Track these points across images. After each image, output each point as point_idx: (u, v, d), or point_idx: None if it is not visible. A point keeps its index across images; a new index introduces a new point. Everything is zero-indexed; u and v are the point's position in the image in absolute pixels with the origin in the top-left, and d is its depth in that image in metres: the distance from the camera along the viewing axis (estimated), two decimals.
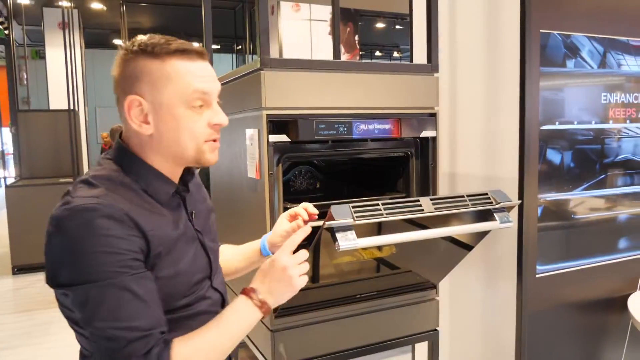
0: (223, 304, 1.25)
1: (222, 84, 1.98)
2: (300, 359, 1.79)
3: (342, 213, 1.29)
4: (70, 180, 6.73)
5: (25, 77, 10.82)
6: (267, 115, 1.65)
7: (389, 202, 1.41)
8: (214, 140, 1.13)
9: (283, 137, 1.67)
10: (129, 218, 0.99)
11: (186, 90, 1.06)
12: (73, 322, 1.05)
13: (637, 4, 2.24)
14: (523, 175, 1.96)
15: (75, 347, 1.10)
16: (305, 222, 1.38)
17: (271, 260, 1.15)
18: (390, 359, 3.11)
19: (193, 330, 1.06)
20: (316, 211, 1.38)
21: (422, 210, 1.43)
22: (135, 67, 1.07)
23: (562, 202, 2.13)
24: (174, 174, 1.16)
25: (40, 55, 12.32)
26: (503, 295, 2.18)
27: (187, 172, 1.20)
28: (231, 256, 1.48)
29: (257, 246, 1.46)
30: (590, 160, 2.18)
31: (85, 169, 8.90)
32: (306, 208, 1.39)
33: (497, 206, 1.56)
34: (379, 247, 2.06)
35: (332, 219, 1.27)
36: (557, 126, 2.08)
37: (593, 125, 2.17)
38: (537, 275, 2.07)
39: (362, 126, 1.79)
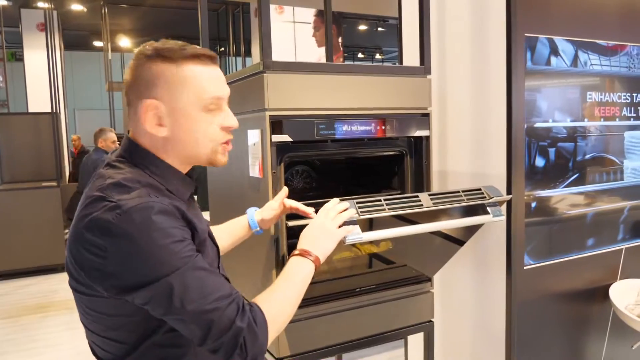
0: None
1: None
2: (300, 352, 1.85)
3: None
4: (54, 184, 6.70)
5: (1, 79, 10.68)
6: (270, 116, 1.71)
7: (390, 198, 1.49)
8: (227, 143, 1.20)
9: (285, 137, 1.74)
10: (177, 211, 1.06)
11: (202, 94, 1.12)
12: (112, 328, 1.10)
13: (616, 10, 2.36)
14: (511, 171, 2.06)
15: (63, 353, 1.16)
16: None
17: (309, 224, 1.36)
18: (385, 353, 3.20)
19: None
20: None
21: (422, 205, 1.52)
22: (150, 71, 1.11)
23: (547, 198, 2.23)
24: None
25: (17, 57, 12.17)
26: (493, 287, 2.27)
27: (191, 170, 1.26)
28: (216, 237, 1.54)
29: (244, 222, 1.59)
30: (568, 158, 2.29)
31: (67, 172, 8.83)
32: (297, 208, 1.55)
33: (490, 201, 1.65)
34: (377, 243, 2.15)
35: None
36: (550, 124, 2.18)
37: (569, 123, 2.28)
38: (525, 267, 2.16)
39: (360, 126, 1.87)
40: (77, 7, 9.17)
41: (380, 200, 1.47)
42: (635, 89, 2.48)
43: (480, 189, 1.65)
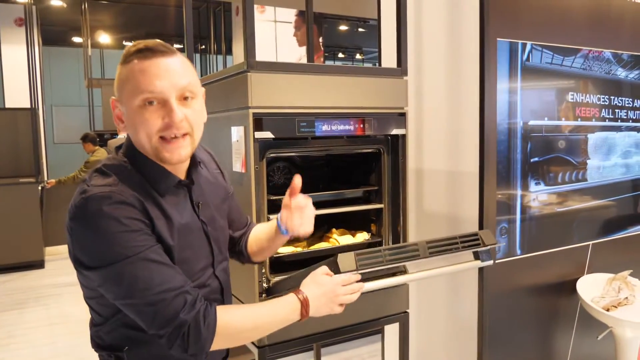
0: (222, 292, 1.35)
1: (208, 84, 2.11)
2: (277, 342, 1.90)
3: (348, 263, 1.41)
4: (32, 180, 6.65)
5: None
6: (253, 113, 1.78)
7: (390, 248, 1.55)
8: (164, 139, 1.14)
9: (267, 134, 1.80)
10: (139, 203, 1.11)
11: (135, 89, 1.11)
12: (89, 297, 1.19)
13: (586, 15, 2.47)
14: (483, 170, 2.15)
15: (39, 348, 1.24)
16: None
17: (332, 281, 1.34)
18: (363, 347, 3.27)
19: None
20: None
21: (419, 255, 1.57)
22: (117, 72, 1.17)
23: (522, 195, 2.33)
24: (176, 168, 1.22)
25: None
26: (466, 280, 2.36)
27: (193, 165, 1.28)
28: (256, 235, 1.56)
29: (274, 224, 1.51)
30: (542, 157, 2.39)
31: (45, 169, 8.74)
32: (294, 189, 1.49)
33: (484, 248, 1.70)
34: (354, 235, 2.22)
35: (337, 269, 1.39)
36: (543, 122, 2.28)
37: (546, 122, 2.38)
38: (497, 261, 2.26)
39: (339, 124, 1.95)
40: (56, 3, 9.07)
41: (379, 252, 1.51)
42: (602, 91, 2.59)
43: (476, 234, 1.69)
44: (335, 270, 1.39)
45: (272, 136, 1.81)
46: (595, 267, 2.61)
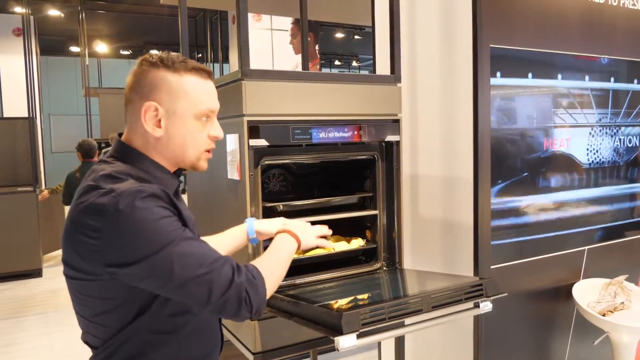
0: None
1: None
2: (273, 348, 1.89)
3: (352, 324, 1.41)
4: (30, 189, 6.65)
5: None
6: (247, 121, 1.79)
7: (394, 305, 1.53)
8: (209, 151, 1.32)
9: (262, 142, 1.82)
10: (165, 195, 1.16)
11: (198, 105, 1.25)
12: (101, 312, 1.17)
13: (578, 22, 2.49)
14: (477, 175, 2.16)
15: (38, 357, 1.23)
16: None
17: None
18: (359, 354, 3.26)
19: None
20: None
21: (422, 310, 1.56)
22: (155, 77, 1.22)
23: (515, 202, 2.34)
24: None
25: None
26: None
27: (178, 172, 1.35)
28: (217, 245, 1.55)
29: (243, 228, 1.65)
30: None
31: (43, 177, 8.74)
32: None
33: (487, 300, 1.69)
34: (349, 241, 2.22)
35: (340, 331, 1.39)
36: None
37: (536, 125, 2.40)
38: (492, 267, 2.26)
39: (333, 131, 1.96)
40: (54, 13, 9.12)
41: (383, 308, 1.50)
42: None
43: (481, 285, 1.69)
44: (337, 328, 1.40)
45: (267, 144, 1.82)
46: (591, 272, 2.61)
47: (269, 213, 1.96)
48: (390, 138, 2.09)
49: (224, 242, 1.59)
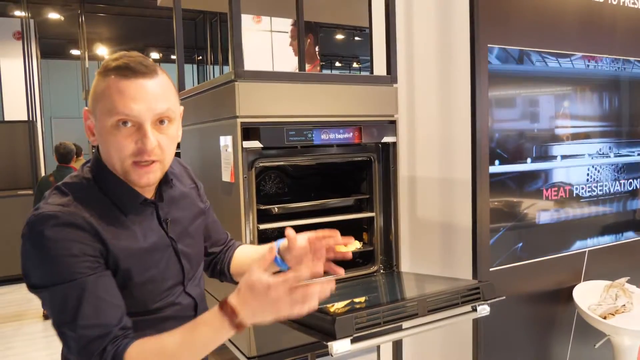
0: (196, 308, 1.29)
1: (198, 94, 2.10)
2: (269, 352, 1.88)
3: (345, 328, 1.39)
4: (30, 192, 6.65)
5: None
6: (241, 123, 1.77)
7: (389, 308, 1.51)
8: (137, 164, 1.10)
9: (256, 143, 1.79)
10: (89, 225, 1.06)
11: (111, 108, 1.07)
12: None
13: (576, 21, 2.47)
14: (476, 177, 2.14)
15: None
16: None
17: (258, 277, 1.01)
18: (357, 357, 3.24)
19: (162, 332, 1.06)
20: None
21: (417, 314, 1.55)
22: (94, 81, 1.12)
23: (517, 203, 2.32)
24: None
25: None
26: None
27: (164, 182, 1.23)
28: (242, 260, 1.47)
29: (269, 252, 1.18)
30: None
31: None
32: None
33: (484, 303, 1.67)
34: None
35: (333, 336, 1.37)
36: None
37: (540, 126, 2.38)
38: (491, 269, 2.24)
39: (329, 133, 1.94)
40: (54, 16, 9.13)
41: (378, 313, 1.48)
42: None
43: (478, 288, 1.67)
44: (331, 333, 1.35)
45: (261, 145, 1.80)
46: (592, 274, 2.58)
47: (264, 216, 1.94)
48: (386, 139, 2.07)
49: (245, 262, 1.44)
